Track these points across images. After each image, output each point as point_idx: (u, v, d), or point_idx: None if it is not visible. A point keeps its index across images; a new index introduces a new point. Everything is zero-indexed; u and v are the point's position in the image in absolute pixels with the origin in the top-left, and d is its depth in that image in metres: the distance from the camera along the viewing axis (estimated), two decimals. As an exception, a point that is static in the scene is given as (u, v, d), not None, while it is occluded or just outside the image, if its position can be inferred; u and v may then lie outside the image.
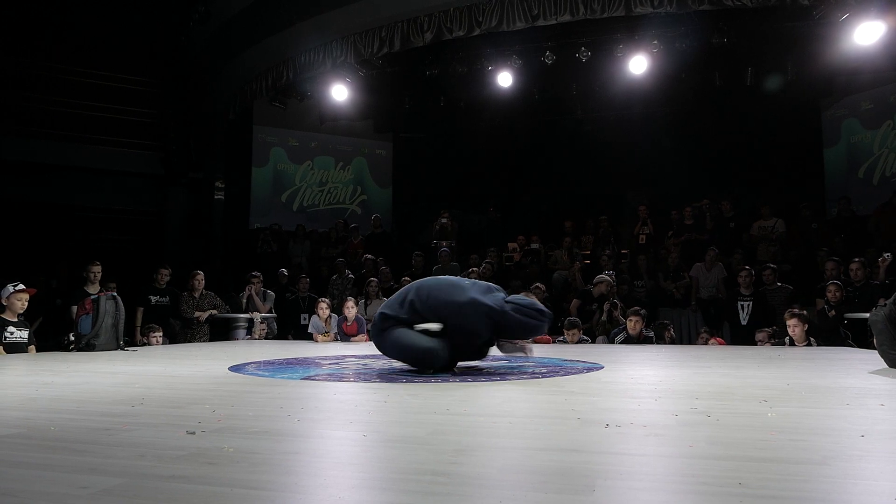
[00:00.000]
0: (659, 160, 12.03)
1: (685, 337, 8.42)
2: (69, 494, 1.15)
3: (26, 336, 5.29)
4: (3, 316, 5.22)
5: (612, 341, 6.84)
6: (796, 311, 6.04)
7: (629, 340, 6.60)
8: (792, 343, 5.94)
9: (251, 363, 4.02)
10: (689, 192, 11.13)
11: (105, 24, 11.90)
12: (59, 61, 11.99)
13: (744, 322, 7.48)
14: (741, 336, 7.29)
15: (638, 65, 9.80)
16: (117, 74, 12.44)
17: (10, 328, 5.19)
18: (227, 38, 10.80)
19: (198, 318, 7.68)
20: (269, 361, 4.18)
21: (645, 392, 2.67)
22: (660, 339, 6.76)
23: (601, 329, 7.55)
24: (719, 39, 9.27)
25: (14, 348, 5.15)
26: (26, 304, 5.30)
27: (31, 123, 11.67)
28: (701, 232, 9.97)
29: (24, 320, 5.37)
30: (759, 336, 6.60)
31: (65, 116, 11.94)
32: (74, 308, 5.79)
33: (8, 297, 5.21)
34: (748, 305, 7.50)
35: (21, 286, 5.28)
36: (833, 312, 6.64)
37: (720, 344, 6.74)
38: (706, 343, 6.83)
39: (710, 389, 2.74)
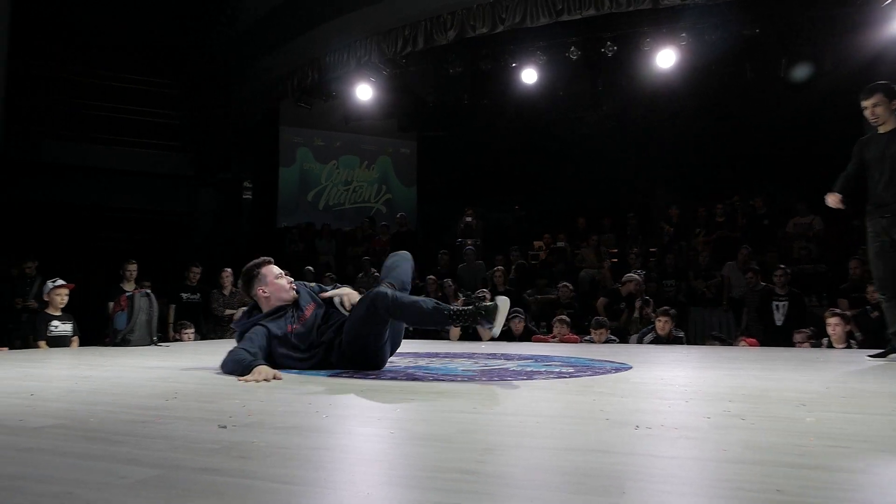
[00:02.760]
0: (688, 156, 11.87)
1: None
2: (108, 483, 1.19)
3: (70, 329, 5.62)
4: (46, 311, 5.52)
5: (640, 341, 6.77)
6: (838, 310, 5.89)
7: (658, 341, 6.52)
8: (830, 345, 5.78)
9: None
10: (720, 188, 10.95)
11: (135, 29, 12.11)
12: (92, 66, 12.24)
13: (779, 323, 7.31)
14: (775, 337, 7.09)
15: (666, 58, 9.67)
16: (148, 78, 12.66)
17: (55, 322, 5.57)
18: (253, 40, 10.94)
19: (231, 315, 7.79)
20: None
21: (675, 393, 2.64)
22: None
23: (633, 327, 7.48)
24: (751, 30, 9.09)
25: (58, 342, 5.50)
26: (66, 298, 5.66)
27: (67, 127, 11.95)
28: (732, 230, 9.80)
29: (67, 314, 5.68)
30: (797, 337, 6.43)
31: (99, 120, 12.20)
32: (111, 304, 5.97)
33: (49, 293, 5.51)
34: (783, 305, 7.34)
35: (60, 282, 5.57)
36: (876, 314, 6.46)
37: (753, 345, 6.62)
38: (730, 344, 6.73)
39: (744, 392, 2.67)
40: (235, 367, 3.03)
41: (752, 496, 1.16)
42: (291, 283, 3.58)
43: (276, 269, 3.60)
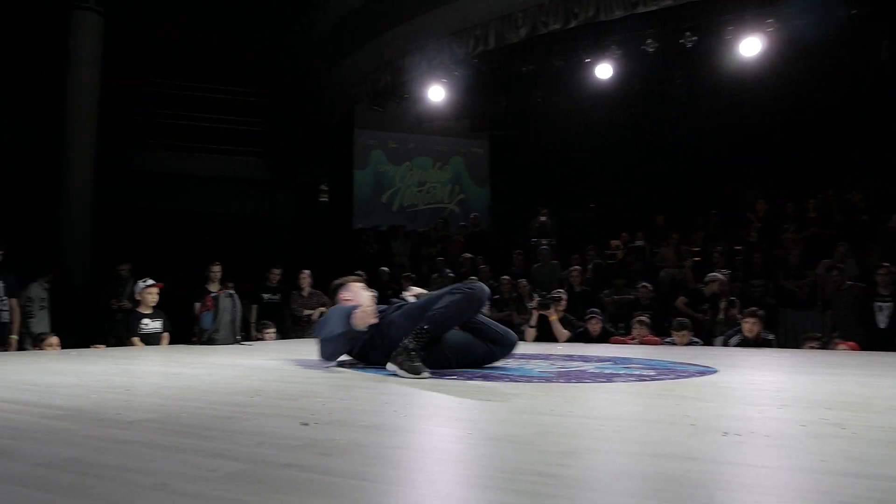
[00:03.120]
0: (775, 149, 11.33)
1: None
2: (199, 476, 1.24)
3: (160, 326, 5.91)
4: (138, 310, 5.84)
5: (725, 344, 6.51)
6: None
7: (745, 343, 6.24)
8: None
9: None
10: (811, 182, 10.37)
11: (217, 41, 12.63)
12: (177, 78, 12.85)
13: (882, 325, 6.82)
14: (878, 341, 6.55)
15: (750, 46, 9.22)
16: (231, 87, 13.19)
17: (145, 320, 5.85)
18: (329, 46, 11.19)
19: (311, 315, 7.99)
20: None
21: (766, 399, 2.52)
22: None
23: (718, 329, 7.22)
24: (846, 12, 8.54)
25: (149, 338, 5.78)
26: (157, 297, 5.95)
27: (156, 136, 12.61)
28: (827, 226, 9.28)
29: (158, 311, 5.98)
30: None
31: (187, 129, 12.84)
32: (197, 305, 6.23)
33: (141, 293, 5.84)
34: (888, 307, 6.86)
35: (151, 281, 5.89)
36: None
37: (852, 349, 6.23)
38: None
39: (843, 399, 2.52)
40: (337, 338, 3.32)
41: (854, 509, 1.09)
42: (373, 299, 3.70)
43: (361, 286, 3.84)
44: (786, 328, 8.00)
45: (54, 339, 5.70)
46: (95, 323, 8.17)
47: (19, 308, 6.51)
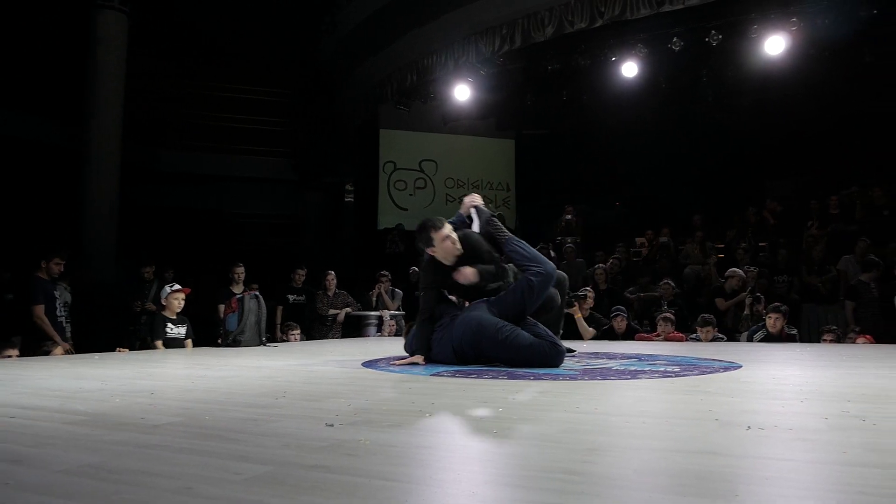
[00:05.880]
0: (800, 147, 11.19)
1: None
2: (225, 479, 1.24)
3: (184, 332, 5.74)
4: (163, 314, 5.73)
5: (750, 339, 6.45)
6: None
7: (769, 339, 6.18)
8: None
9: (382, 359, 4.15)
10: (835, 179, 10.26)
11: (243, 42, 12.74)
12: (204, 79, 12.98)
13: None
14: None
15: (774, 45, 9.13)
16: (256, 87, 13.31)
17: (170, 325, 5.67)
18: (353, 47, 11.23)
19: (335, 315, 8.02)
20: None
21: (789, 393, 2.50)
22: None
23: (743, 325, 7.16)
24: (868, 11, 8.44)
25: (173, 344, 5.60)
26: (183, 302, 5.77)
27: (184, 137, 12.74)
28: (849, 222, 9.18)
29: (183, 317, 5.82)
30: None
31: (212, 129, 12.96)
32: (222, 307, 6.21)
33: (167, 298, 5.71)
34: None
35: (177, 286, 5.77)
36: None
37: (870, 342, 6.16)
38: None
39: (865, 392, 2.51)
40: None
41: (878, 500, 1.09)
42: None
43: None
44: (809, 323, 7.93)
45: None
46: (119, 326, 8.08)
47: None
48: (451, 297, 4.12)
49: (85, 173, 9.19)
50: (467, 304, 3.96)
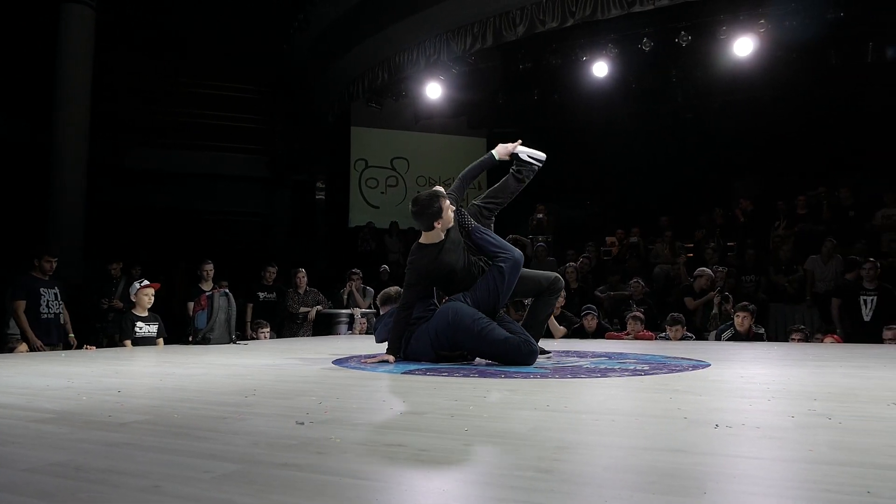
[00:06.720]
0: (768, 147, 11.40)
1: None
2: (193, 478, 1.23)
3: (155, 330, 5.67)
4: (133, 311, 5.64)
5: (718, 338, 6.56)
6: None
7: (737, 337, 6.30)
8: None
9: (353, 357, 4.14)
10: (801, 180, 10.47)
11: (214, 38, 12.56)
12: (173, 75, 12.77)
13: (867, 318, 6.96)
14: (863, 333, 6.76)
15: (743, 47, 9.31)
16: (227, 84, 13.13)
17: (140, 323, 5.58)
18: (325, 44, 11.16)
19: (306, 313, 7.97)
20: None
21: (757, 392, 2.54)
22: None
23: (712, 324, 7.27)
24: (835, 14, 8.63)
25: (143, 342, 5.52)
26: (153, 298, 5.70)
27: (152, 134, 12.51)
28: (816, 222, 9.37)
29: (154, 315, 5.73)
30: (887, 334, 6.11)
31: (182, 126, 12.75)
32: (191, 304, 6.15)
33: (136, 294, 5.63)
34: (872, 300, 6.98)
35: (146, 282, 5.69)
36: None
37: (837, 342, 6.31)
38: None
39: (831, 390, 2.57)
40: None
41: (841, 498, 1.11)
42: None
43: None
44: (776, 322, 8.09)
45: None
46: (86, 324, 7.86)
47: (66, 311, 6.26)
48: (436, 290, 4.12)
49: (51, 169, 8.99)
50: (445, 299, 3.97)
